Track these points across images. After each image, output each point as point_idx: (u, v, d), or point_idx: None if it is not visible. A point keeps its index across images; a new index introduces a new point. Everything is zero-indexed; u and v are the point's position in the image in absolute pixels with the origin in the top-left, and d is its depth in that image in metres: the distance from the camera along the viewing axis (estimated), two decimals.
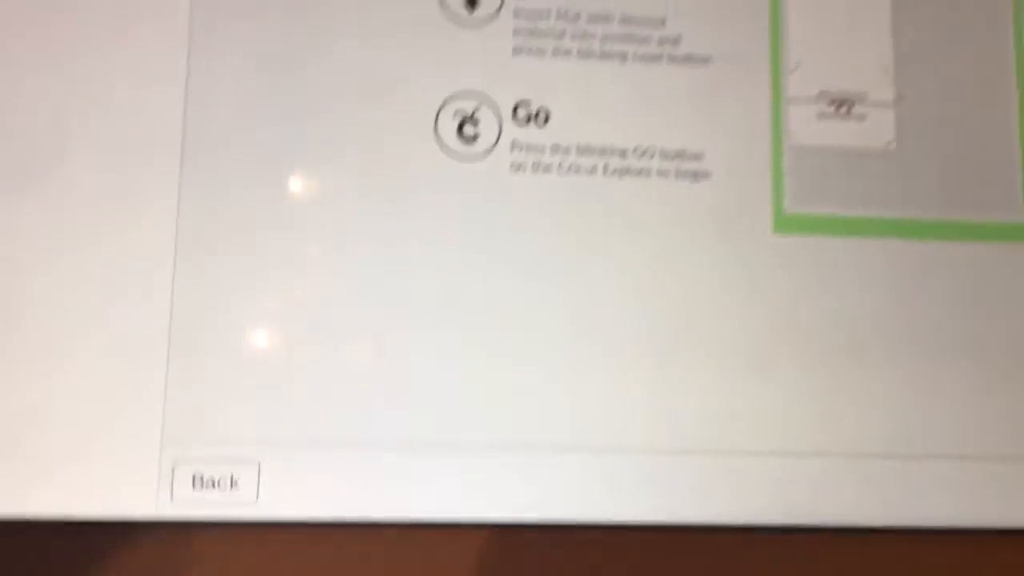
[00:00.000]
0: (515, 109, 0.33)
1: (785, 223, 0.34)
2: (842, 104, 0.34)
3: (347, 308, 0.32)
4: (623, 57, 0.34)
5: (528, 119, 0.33)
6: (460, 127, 0.33)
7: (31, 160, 0.31)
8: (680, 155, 0.33)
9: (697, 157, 0.34)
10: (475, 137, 0.33)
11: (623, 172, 0.33)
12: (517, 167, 0.33)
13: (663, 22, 0.34)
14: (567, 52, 0.34)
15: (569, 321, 0.32)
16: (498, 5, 0.34)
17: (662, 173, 0.33)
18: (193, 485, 0.31)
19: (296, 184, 0.32)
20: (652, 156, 0.33)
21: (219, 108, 0.32)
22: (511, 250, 0.33)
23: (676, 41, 0.34)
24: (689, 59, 0.34)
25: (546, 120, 0.33)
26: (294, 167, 0.32)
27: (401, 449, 0.31)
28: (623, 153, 0.33)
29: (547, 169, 0.33)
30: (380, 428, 0.31)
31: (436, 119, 0.33)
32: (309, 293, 0.32)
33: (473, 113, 0.33)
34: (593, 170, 0.33)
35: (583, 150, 0.33)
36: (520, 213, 0.33)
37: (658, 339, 0.33)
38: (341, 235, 0.32)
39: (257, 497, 0.31)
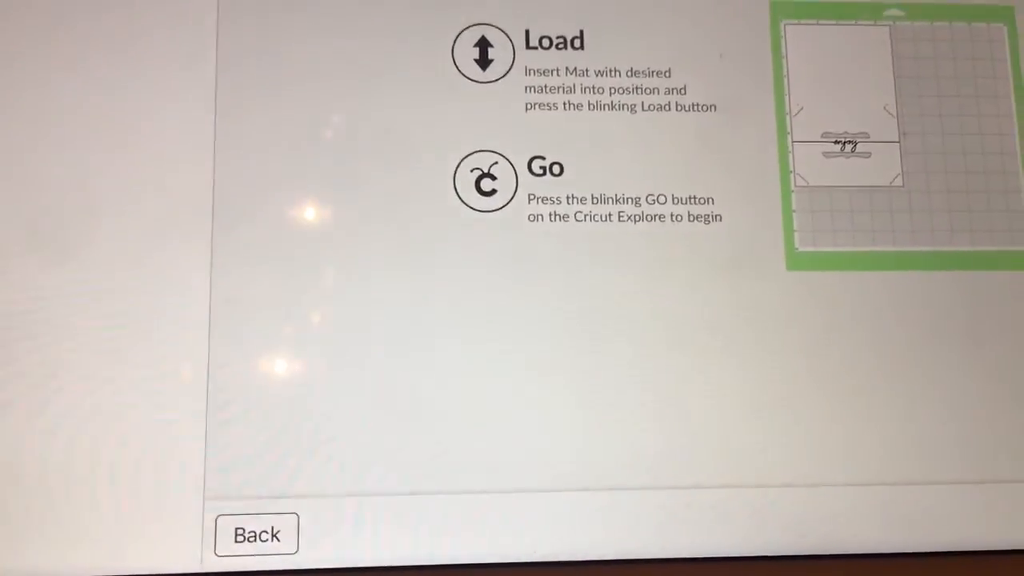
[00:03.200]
0: (530, 163, 0.35)
1: (797, 260, 0.34)
2: (847, 143, 0.35)
3: (378, 361, 0.33)
4: (632, 108, 0.35)
5: (544, 171, 0.35)
6: (478, 182, 0.34)
7: (64, 233, 0.33)
8: (691, 200, 0.35)
9: (708, 201, 0.35)
10: (493, 191, 0.34)
11: (637, 218, 0.34)
12: (535, 217, 0.34)
13: (669, 73, 0.35)
14: (578, 106, 0.35)
15: (589, 364, 0.33)
16: (509, 64, 0.35)
17: (675, 218, 0.34)
18: (235, 539, 0.32)
19: (325, 242, 0.33)
20: (664, 202, 0.35)
21: (246, 176, 0.34)
22: (532, 295, 0.34)
23: (683, 91, 0.35)
24: (696, 107, 0.35)
25: (560, 172, 0.35)
26: (322, 225, 0.34)
27: (437, 495, 0.32)
28: (636, 200, 0.34)
29: (564, 218, 0.34)
30: (413, 475, 0.32)
31: (455, 175, 0.34)
32: (340, 348, 0.33)
33: (490, 168, 0.34)
34: (608, 217, 0.34)
35: (598, 199, 0.34)
36: (539, 259, 0.34)
37: (678, 378, 0.33)
38: (370, 292, 0.33)
39: (297, 548, 0.32)
